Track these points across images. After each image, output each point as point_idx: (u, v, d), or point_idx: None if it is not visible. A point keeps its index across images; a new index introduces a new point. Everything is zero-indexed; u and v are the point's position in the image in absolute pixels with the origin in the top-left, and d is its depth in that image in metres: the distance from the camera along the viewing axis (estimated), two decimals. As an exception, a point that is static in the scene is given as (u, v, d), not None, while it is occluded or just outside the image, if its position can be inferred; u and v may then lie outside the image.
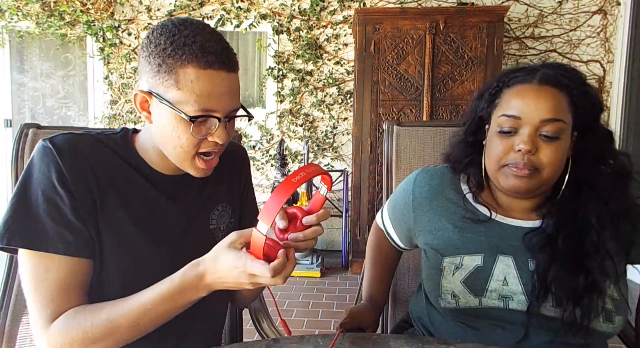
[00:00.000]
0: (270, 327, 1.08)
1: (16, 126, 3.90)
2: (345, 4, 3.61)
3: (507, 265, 0.82)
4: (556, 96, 0.79)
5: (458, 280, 0.84)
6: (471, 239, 0.86)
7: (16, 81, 3.96)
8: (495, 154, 0.82)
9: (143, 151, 0.79)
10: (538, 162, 0.78)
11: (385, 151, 1.32)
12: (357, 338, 0.73)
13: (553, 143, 0.78)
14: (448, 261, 0.87)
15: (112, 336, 0.67)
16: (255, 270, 0.62)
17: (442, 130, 1.30)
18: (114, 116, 3.82)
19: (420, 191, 0.96)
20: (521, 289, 0.81)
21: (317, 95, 3.73)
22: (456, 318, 0.86)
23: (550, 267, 0.78)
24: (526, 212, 0.88)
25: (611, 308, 0.78)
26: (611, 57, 3.51)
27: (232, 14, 3.67)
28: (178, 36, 0.68)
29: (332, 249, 3.80)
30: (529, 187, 0.80)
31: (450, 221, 0.90)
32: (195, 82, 0.67)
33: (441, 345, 0.72)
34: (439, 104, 3.13)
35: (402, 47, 3.11)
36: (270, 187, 3.66)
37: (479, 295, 0.82)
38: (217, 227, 0.86)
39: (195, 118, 0.69)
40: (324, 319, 2.52)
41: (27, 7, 3.60)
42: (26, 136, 1.11)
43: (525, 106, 0.79)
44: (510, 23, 3.52)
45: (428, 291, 0.92)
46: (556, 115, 0.77)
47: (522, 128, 0.79)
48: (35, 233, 0.68)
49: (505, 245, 0.84)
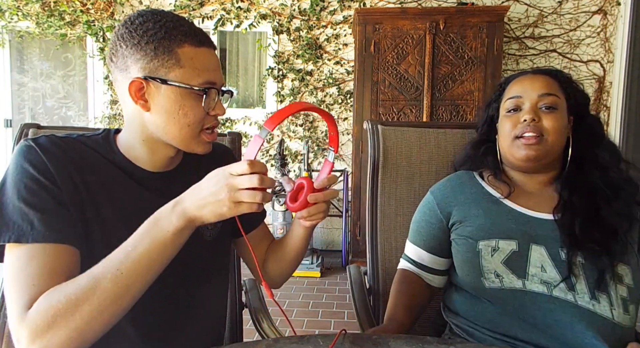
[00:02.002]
0: (270, 327, 1.08)
1: (16, 126, 3.90)
2: (345, 4, 3.61)
3: (541, 253, 0.87)
4: (548, 79, 0.96)
5: (498, 261, 0.89)
6: (502, 225, 0.93)
7: (16, 81, 3.96)
8: (506, 131, 0.96)
9: (127, 149, 0.79)
10: (542, 127, 0.92)
11: (370, 152, 1.25)
12: (357, 338, 0.73)
13: (552, 113, 0.92)
14: (483, 244, 0.92)
15: (95, 293, 0.60)
16: (233, 168, 0.62)
17: (426, 131, 1.27)
18: (114, 116, 3.82)
19: (441, 194, 1.04)
20: (559, 277, 0.84)
21: (317, 95, 3.73)
22: (504, 305, 0.87)
23: (574, 225, 0.86)
24: (541, 192, 0.97)
25: (626, 296, 0.81)
26: (611, 57, 3.51)
27: (232, 14, 3.67)
28: (165, 20, 0.71)
29: (332, 249, 3.80)
30: (539, 153, 0.92)
31: (480, 208, 0.97)
32: (195, 58, 0.72)
33: (441, 345, 0.72)
34: (439, 104, 3.13)
35: (402, 47, 3.11)
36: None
37: (521, 277, 0.86)
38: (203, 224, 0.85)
39: (207, 89, 0.72)
40: (324, 319, 2.52)
41: (27, 7, 3.60)
42: (26, 136, 1.11)
43: (523, 87, 0.96)
44: (510, 23, 3.52)
45: (466, 275, 0.94)
46: (550, 90, 0.94)
47: (524, 104, 0.94)
48: (19, 226, 0.65)
49: (536, 234, 0.90)
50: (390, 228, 1.23)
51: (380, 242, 1.23)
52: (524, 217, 0.93)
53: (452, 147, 1.24)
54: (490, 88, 3.09)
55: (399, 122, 1.48)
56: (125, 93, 0.73)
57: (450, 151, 1.24)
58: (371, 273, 1.23)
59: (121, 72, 0.73)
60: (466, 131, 1.26)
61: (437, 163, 1.24)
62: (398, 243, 1.22)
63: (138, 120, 0.76)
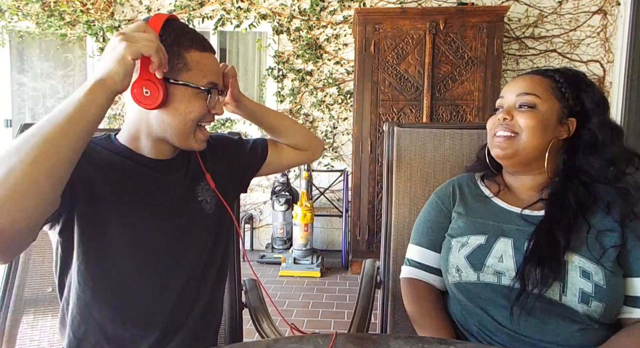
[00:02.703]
0: (270, 327, 1.08)
1: (16, 126, 3.90)
2: (345, 4, 3.61)
3: (505, 244, 0.91)
4: (534, 79, 0.94)
5: (462, 256, 0.94)
6: (480, 222, 0.97)
7: (16, 81, 3.96)
8: (489, 126, 0.99)
9: (130, 142, 0.86)
10: (515, 125, 0.92)
11: (386, 152, 1.33)
12: (357, 338, 0.73)
13: (528, 111, 0.92)
14: (456, 240, 0.98)
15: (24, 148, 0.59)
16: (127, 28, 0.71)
17: (442, 132, 1.30)
18: (114, 116, 3.82)
19: (444, 194, 1.08)
20: (513, 266, 0.88)
21: (317, 95, 3.73)
22: (460, 293, 0.95)
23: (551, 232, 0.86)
24: (529, 194, 0.97)
25: (590, 292, 0.82)
26: (611, 57, 3.51)
27: (232, 14, 3.67)
28: (173, 27, 0.79)
29: (332, 249, 3.80)
30: (508, 151, 0.93)
31: (467, 206, 1.02)
32: (201, 62, 0.81)
33: (441, 345, 0.72)
34: (439, 104, 3.13)
35: (402, 47, 3.11)
36: (270, 187, 3.66)
37: (477, 269, 0.91)
38: (203, 199, 0.94)
39: (212, 88, 0.82)
40: (324, 319, 2.52)
41: (27, 7, 3.60)
42: (26, 136, 1.11)
43: (507, 87, 0.97)
44: (510, 23, 3.52)
45: (443, 272, 1.01)
46: (529, 90, 0.93)
47: (504, 105, 0.96)
48: None
49: (509, 229, 0.93)
50: (404, 226, 1.29)
51: (394, 239, 1.29)
52: (509, 214, 0.95)
53: (468, 148, 1.28)
54: (490, 88, 3.09)
55: (415, 124, 1.54)
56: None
57: (465, 152, 1.28)
58: (384, 268, 1.29)
59: None
60: (483, 132, 1.27)
61: (451, 163, 1.29)
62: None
63: (144, 118, 0.83)
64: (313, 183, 3.50)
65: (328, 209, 3.74)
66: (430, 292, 1.03)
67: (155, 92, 0.76)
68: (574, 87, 0.93)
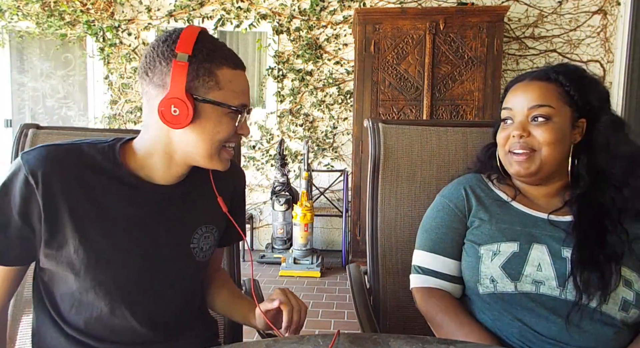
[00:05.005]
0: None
1: (16, 126, 3.90)
2: (345, 4, 3.61)
3: (541, 251, 0.87)
4: (542, 87, 0.90)
5: (496, 265, 0.89)
6: (507, 228, 0.92)
7: (16, 81, 3.96)
8: (500, 140, 0.95)
9: (139, 160, 0.80)
10: (533, 142, 0.89)
11: (371, 150, 1.24)
12: (357, 338, 0.73)
13: (544, 125, 0.88)
14: (485, 249, 0.92)
15: None
16: None
17: (428, 129, 1.26)
18: (114, 116, 3.82)
19: (456, 197, 1.01)
20: (553, 274, 0.85)
21: (317, 95, 3.73)
22: (495, 304, 0.89)
23: (577, 248, 0.84)
24: (548, 199, 0.95)
25: (631, 301, 0.82)
26: (611, 57, 3.51)
27: (232, 14, 3.67)
28: (205, 42, 0.74)
29: (332, 249, 3.80)
30: (531, 170, 0.90)
31: (488, 212, 0.96)
32: (233, 81, 0.76)
33: (441, 345, 0.72)
34: (439, 104, 3.13)
35: (402, 47, 3.11)
36: (270, 187, 3.66)
37: (514, 279, 0.87)
38: (197, 247, 0.87)
39: (242, 109, 0.78)
40: (324, 319, 2.52)
41: (27, 7, 3.60)
42: (26, 136, 1.11)
43: (515, 98, 0.93)
44: (510, 23, 3.52)
45: (466, 280, 0.96)
46: (542, 101, 0.89)
47: (515, 117, 0.92)
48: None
49: (540, 234, 0.89)
50: (390, 227, 1.22)
51: (381, 241, 1.23)
52: (535, 219, 0.92)
53: (453, 146, 1.24)
54: (490, 88, 3.09)
55: (400, 121, 1.47)
56: (155, 108, 0.74)
57: (451, 150, 1.24)
58: (371, 273, 1.22)
59: (157, 87, 0.74)
60: (467, 129, 1.26)
61: (438, 162, 1.24)
62: (398, 242, 1.22)
63: (165, 135, 0.77)
64: (313, 183, 3.50)
65: (328, 209, 3.74)
66: (456, 302, 0.96)
67: (184, 112, 0.72)
68: (579, 88, 0.91)
